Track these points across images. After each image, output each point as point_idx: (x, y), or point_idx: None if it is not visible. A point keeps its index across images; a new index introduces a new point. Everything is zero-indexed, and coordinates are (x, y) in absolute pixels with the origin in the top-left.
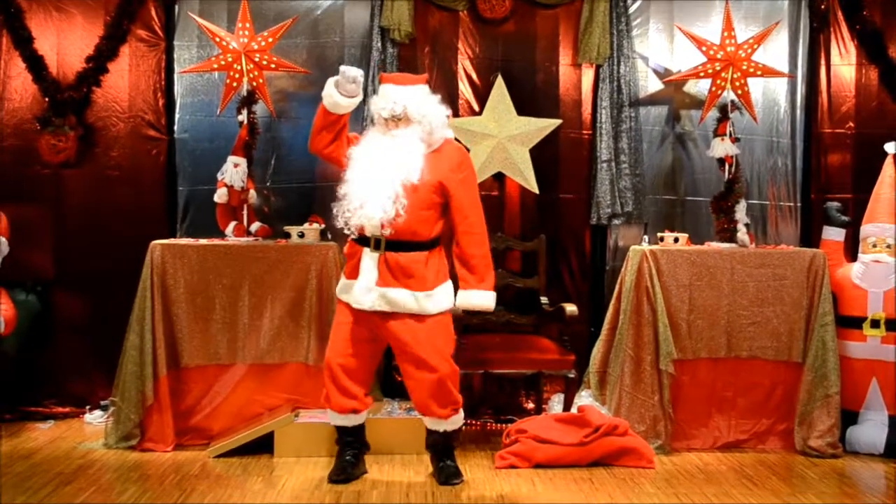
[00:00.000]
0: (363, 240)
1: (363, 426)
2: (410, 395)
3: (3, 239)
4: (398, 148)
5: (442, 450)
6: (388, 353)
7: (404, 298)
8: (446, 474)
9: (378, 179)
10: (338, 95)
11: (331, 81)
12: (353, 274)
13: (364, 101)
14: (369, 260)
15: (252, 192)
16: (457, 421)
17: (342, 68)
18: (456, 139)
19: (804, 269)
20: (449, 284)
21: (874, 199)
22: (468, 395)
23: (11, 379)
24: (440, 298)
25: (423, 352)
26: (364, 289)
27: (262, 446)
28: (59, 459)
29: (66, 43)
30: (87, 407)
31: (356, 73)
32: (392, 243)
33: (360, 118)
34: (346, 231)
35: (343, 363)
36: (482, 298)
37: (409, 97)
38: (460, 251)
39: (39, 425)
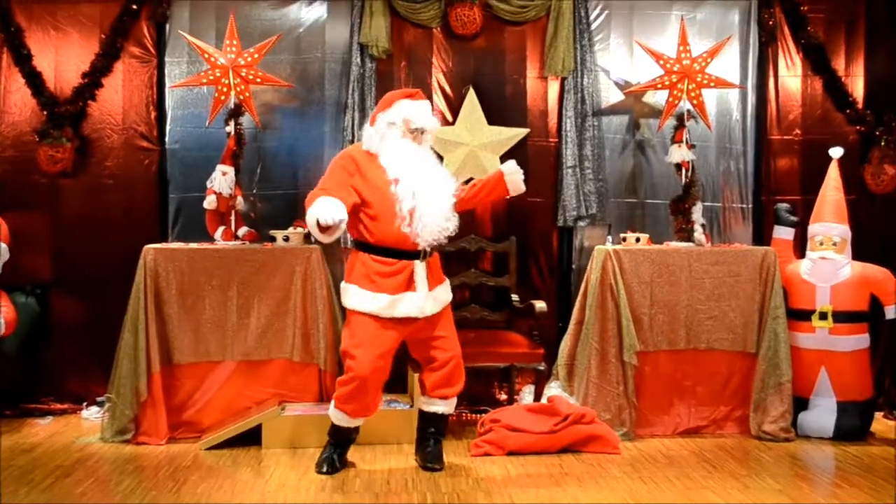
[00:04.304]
0: (409, 254)
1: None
2: (426, 381)
3: (4, 245)
4: (433, 161)
5: (434, 433)
6: None
7: (445, 294)
8: (433, 457)
9: (439, 194)
10: (322, 237)
11: (311, 222)
12: (404, 288)
13: (343, 113)
14: (421, 271)
15: (239, 199)
16: (453, 403)
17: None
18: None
19: (757, 266)
20: None
21: (820, 200)
22: None
23: (12, 377)
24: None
25: (447, 336)
26: (422, 298)
27: (251, 438)
28: (58, 453)
29: (63, 59)
30: (84, 403)
31: (336, 217)
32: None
33: (340, 128)
34: (428, 248)
35: (379, 378)
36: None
37: (431, 113)
38: (474, 189)
39: (39, 421)
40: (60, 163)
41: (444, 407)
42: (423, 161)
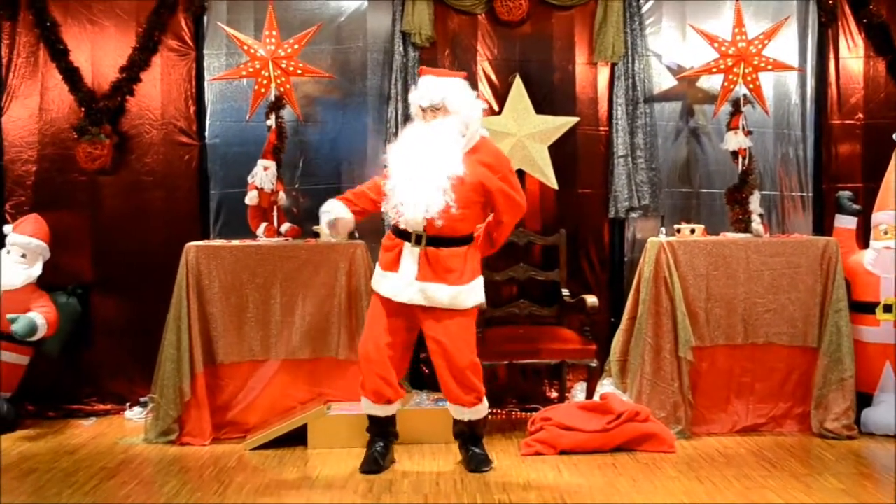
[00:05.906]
0: (404, 234)
1: (395, 417)
2: (440, 382)
3: (45, 244)
4: (438, 139)
5: (469, 438)
6: (417, 348)
7: (441, 295)
8: (476, 462)
9: (422, 173)
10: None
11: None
12: (392, 266)
13: (386, 104)
14: (409, 254)
15: (281, 194)
16: (480, 411)
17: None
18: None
19: (818, 257)
20: (480, 279)
21: (884, 187)
22: (493, 385)
23: (54, 378)
24: (474, 293)
25: (451, 344)
26: (404, 282)
27: (296, 439)
28: (101, 455)
29: (100, 54)
30: (127, 404)
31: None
32: (433, 239)
33: (384, 119)
34: (402, 226)
35: (379, 352)
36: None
37: (447, 88)
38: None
39: (82, 422)
40: (99, 160)
41: (468, 414)
42: (425, 139)
